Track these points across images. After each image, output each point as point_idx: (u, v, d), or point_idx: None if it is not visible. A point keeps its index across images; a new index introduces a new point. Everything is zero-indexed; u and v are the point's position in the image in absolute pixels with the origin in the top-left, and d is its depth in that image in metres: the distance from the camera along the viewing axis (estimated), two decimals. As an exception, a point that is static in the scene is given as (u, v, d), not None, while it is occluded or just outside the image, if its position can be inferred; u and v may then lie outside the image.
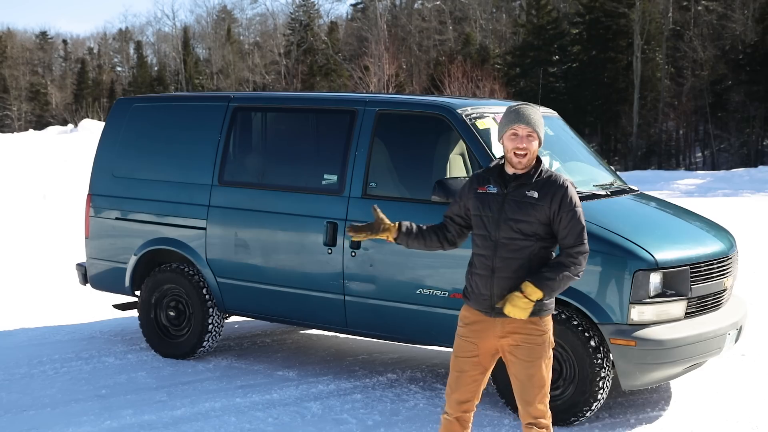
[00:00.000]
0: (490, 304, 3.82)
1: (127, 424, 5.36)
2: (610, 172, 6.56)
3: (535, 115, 3.81)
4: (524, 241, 3.77)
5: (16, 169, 23.14)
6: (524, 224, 3.76)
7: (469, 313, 3.93)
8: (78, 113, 64.34)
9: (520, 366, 3.83)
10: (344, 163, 6.03)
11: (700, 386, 6.08)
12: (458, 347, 3.94)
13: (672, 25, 46.42)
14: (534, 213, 3.75)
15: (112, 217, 7.08)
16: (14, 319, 8.32)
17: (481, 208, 3.85)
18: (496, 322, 3.83)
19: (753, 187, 25.21)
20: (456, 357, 3.94)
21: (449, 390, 3.96)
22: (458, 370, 3.92)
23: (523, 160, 3.79)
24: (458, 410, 3.95)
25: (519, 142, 3.77)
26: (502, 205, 3.80)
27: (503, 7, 62.06)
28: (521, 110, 3.82)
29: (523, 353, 3.82)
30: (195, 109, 7.02)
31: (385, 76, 42.29)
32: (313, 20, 67.86)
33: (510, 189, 3.81)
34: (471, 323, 3.91)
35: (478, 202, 3.86)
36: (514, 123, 3.79)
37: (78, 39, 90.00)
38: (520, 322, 3.79)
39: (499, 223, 3.78)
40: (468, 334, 3.91)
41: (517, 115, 3.80)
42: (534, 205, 3.76)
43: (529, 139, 3.77)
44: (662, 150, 46.97)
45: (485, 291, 3.82)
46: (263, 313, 6.56)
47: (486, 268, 3.82)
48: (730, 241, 5.79)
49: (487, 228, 3.82)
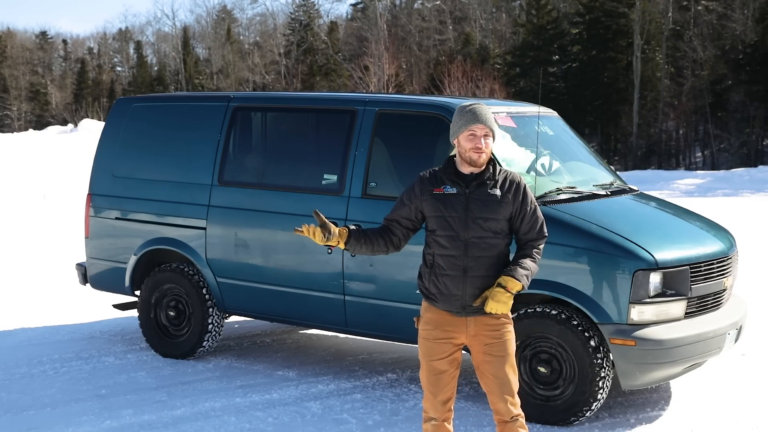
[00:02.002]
0: (462, 304, 3.85)
1: (127, 424, 5.36)
2: (610, 172, 6.56)
3: (489, 113, 3.87)
4: (494, 239, 3.84)
5: (16, 169, 23.14)
6: (492, 222, 3.83)
7: (435, 315, 3.94)
8: (78, 113, 64.38)
9: (498, 363, 3.87)
10: (344, 163, 6.03)
11: (700, 386, 6.08)
12: (431, 350, 3.93)
13: (672, 25, 46.41)
14: (501, 210, 3.84)
15: (112, 217, 7.09)
16: (14, 319, 8.33)
17: (443, 209, 3.86)
18: (468, 321, 3.88)
19: (753, 187, 25.20)
20: (430, 360, 3.93)
21: (431, 395, 3.95)
22: (436, 372, 3.93)
23: (483, 156, 3.84)
24: (443, 411, 3.96)
25: (477, 142, 3.83)
26: (467, 205, 3.83)
27: (503, 7, 62.04)
28: (477, 110, 3.85)
29: (498, 350, 3.88)
30: (195, 109, 7.02)
31: (385, 76, 42.31)
32: (313, 20, 67.85)
33: (471, 188, 3.85)
34: (441, 324, 3.92)
35: (438, 203, 3.87)
36: (471, 123, 3.83)
37: (78, 39, 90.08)
38: (489, 318, 3.86)
39: (467, 222, 3.82)
40: (440, 335, 3.92)
41: (474, 115, 3.84)
42: (500, 202, 3.84)
43: (486, 138, 3.84)
44: (662, 150, 46.97)
45: (457, 291, 3.85)
46: (263, 313, 6.56)
47: (456, 268, 3.84)
48: (730, 241, 5.79)
49: (454, 229, 3.83)
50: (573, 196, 5.62)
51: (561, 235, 5.17)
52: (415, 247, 5.71)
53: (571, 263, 5.20)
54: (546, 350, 5.29)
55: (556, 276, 5.22)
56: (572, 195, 5.64)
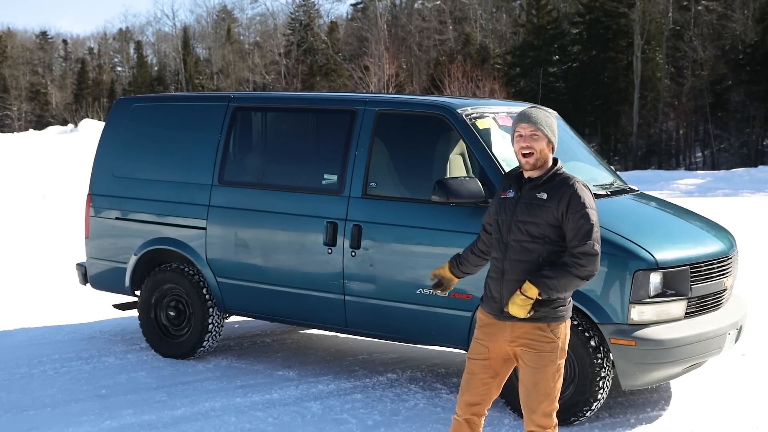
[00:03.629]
0: (500, 308, 3.83)
1: (127, 424, 5.36)
2: (610, 172, 6.56)
3: (539, 114, 3.82)
4: (532, 243, 3.75)
5: (16, 169, 23.15)
6: (532, 226, 3.75)
7: (483, 315, 3.95)
8: (78, 113, 64.41)
9: (527, 372, 3.82)
10: (344, 163, 6.03)
11: (700, 386, 6.08)
12: (471, 349, 3.97)
13: (672, 25, 46.42)
14: (541, 214, 3.74)
15: (112, 217, 7.08)
16: (14, 319, 8.32)
17: (498, 213, 3.89)
18: (505, 325, 3.84)
19: (753, 187, 25.21)
20: (469, 359, 3.97)
21: (460, 391, 3.98)
22: (470, 371, 3.95)
23: (530, 159, 3.78)
24: (467, 412, 3.95)
25: (523, 142, 3.79)
26: (514, 208, 3.82)
27: (503, 7, 62.06)
28: (524, 111, 3.86)
29: (530, 359, 3.80)
30: (195, 109, 7.01)
31: (385, 76, 42.29)
32: (313, 20, 67.87)
33: (524, 192, 3.83)
34: (483, 326, 3.93)
35: (499, 207, 3.91)
36: (517, 124, 3.83)
37: (78, 39, 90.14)
38: (527, 327, 3.78)
39: (510, 225, 3.81)
40: (481, 336, 3.93)
41: (520, 116, 3.83)
42: (542, 206, 3.75)
43: (533, 138, 3.77)
44: (662, 150, 46.97)
45: (496, 294, 3.84)
46: (263, 313, 6.56)
47: (497, 271, 3.85)
48: (730, 241, 5.79)
49: (500, 231, 3.85)
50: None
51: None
52: (414, 246, 5.75)
53: (571, 263, 5.19)
54: (546, 350, 5.28)
55: (556, 276, 5.21)
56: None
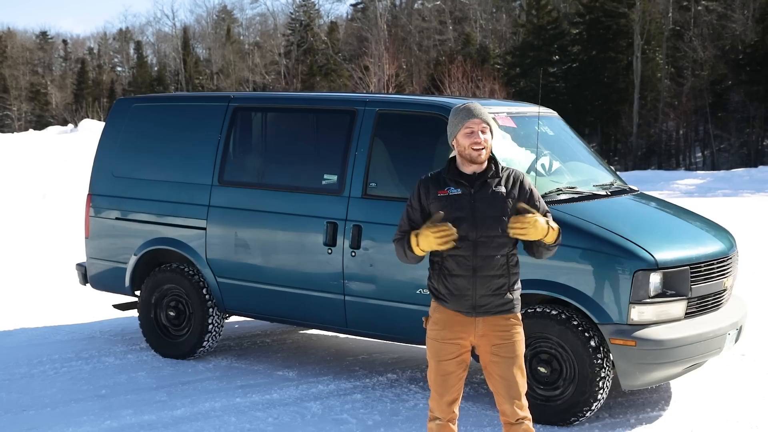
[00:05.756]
0: (472, 304, 3.84)
1: (127, 424, 5.36)
2: (610, 172, 6.56)
3: (483, 108, 3.87)
4: (502, 237, 3.81)
5: (16, 169, 23.15)
6: (499, 220, 3.80)
7: (444, 315, 3.92)
8: (78, 113, 64.37)
9: (506, 364, 3.86)
10: (344, 163, 6.03)
11: (700, 386, 6.08)
12: (439, 351, 3.92)
13: (672, 25, 46.41)
14: (505, 207, 3.81)
15: (112, 217, 7.09)
16: (14, 319, 8.33)
17: (450, 211, 3.81)
18: (477, 321, 3.86)
19: (753, 187, 25.20)
20: (439, 361, 3.92)
21: (437, 396, 3.94)
22: (444, 373, 3.92)
23: (483, 153, 3.82)
24: (449, 412, 3.95)
25: (476, 137, 3.80)
26: (473, 205, 3.81)
27: (503, 7, 62.04)
28: (469, 107, 3.86)
29: (507, 351, 3.86)
30: (195, 109, 7.02)
31: (385, 76, 42.29)
32: (313, 20, 67.86)
33: (476, 188, 3.83)
34: (451, 325, 3.90)
35: (444, 205, 3.83)
36: (466, 120, 3.82)
37: (78, 39, 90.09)
38: (498, 319, 3.84)
39: (475, 222, 3.80)
40: (448, 336, 3.91)
41: (469, 112, 3.84)
42: (505, 199, 3.82)
43: (483, 132, 3.82)
44: (662, 150, 46.96)
45: (466, 291, 3.84)
46: (263, 313, 6.56)
47: (466, 268, 3.83)
48: (730, 241, 5.79)
49: (462, 229, 3.80)
50: (573, 197, 5.62)
51: (561, 236, 5.16)
52: (415, 247, 5.74)
53: (572, 263, 5.19)
54: (546, 350, 5.29)
55: (556, 276, 5.22)
56: (572, 195, 5.64)
